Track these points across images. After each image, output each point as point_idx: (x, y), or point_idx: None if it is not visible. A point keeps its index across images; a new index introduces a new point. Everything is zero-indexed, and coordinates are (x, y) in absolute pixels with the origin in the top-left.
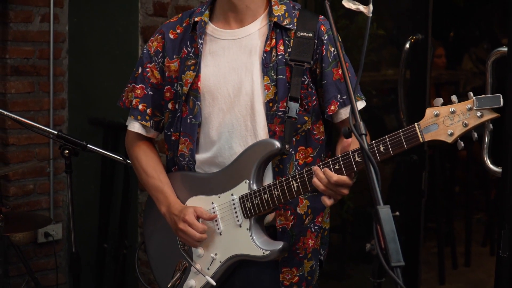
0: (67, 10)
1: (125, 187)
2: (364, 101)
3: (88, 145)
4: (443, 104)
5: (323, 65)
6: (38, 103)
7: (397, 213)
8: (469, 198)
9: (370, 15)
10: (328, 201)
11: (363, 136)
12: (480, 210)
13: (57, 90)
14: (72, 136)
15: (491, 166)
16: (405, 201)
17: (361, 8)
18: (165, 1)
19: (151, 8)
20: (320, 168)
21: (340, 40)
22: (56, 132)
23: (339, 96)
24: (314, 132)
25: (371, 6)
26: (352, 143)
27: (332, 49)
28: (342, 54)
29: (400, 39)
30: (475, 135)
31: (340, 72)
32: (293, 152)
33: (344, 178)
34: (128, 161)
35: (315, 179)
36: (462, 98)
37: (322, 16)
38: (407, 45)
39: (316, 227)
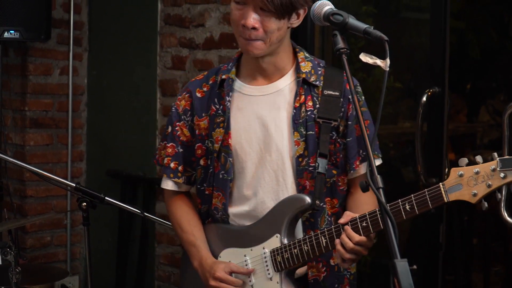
0: (86, 63)
1: (142, 240)
2: (380, 159)
3: (106, 198)
4: (467, 164)
5: (349, 122)
6: (57, 155)
7: (415, 267)
8: (487, 250)
9: (387, 69)
10: (345, 264)
11: (380, 190)
12: (498, 262)
13: (75, 143)
14: (90, 189)
15: (508, 218)
16: (422, 254)
17: (378, 62)
18: (183, 54)
19: (170, 62)
20: (349, 225)
21: (359, 89)
22: (74, 185)
23: (361, 151)
24: (339, 184)
25: (388, 60)
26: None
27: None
28: (359, 110)
29: (417, 92)
30: (499, 195)
31: None
32: (324, 206)
33: (364, 239)
34: (145, 213)
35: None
36: (482, 151)
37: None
38: (424, 98)
39: (349, 274)
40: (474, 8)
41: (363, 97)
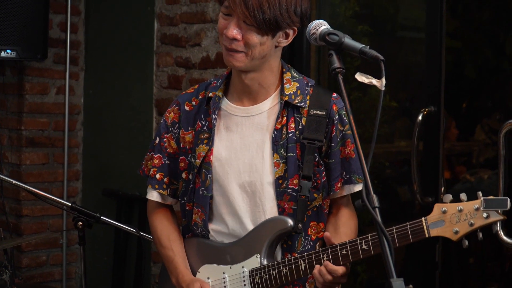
0: (83, 83)
1: (138, 259)
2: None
3: (102, 217)
4: (452, 201)
5: (332, 144)
6: (53, 175)
7: (411, 286)
8: (484, 269)
9: (383, 88)
10: None
11: (376, 209)
12: (495, 281)
13: (71, 162)
14: (85, 208)
15: (505, 238)
16: (419, 273)
17: (374, 81)
18: (179, 74)
19: (166, 81)
20: (329, 258)
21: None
22: (70, 204)
23: (344, 173)
24: (325, 207)
25: (383, 80)
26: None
27: (341, 128)
28: (355, 130)
29: (413, 111)
30: (480, 235)
31: (346, 151)
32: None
33: (344, 269)
34: (141, 233)
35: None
36: (478, 170)
37: (336, 94)
38: (420, 117)
39: None
40: (470, 27)
41: (346, 120)
